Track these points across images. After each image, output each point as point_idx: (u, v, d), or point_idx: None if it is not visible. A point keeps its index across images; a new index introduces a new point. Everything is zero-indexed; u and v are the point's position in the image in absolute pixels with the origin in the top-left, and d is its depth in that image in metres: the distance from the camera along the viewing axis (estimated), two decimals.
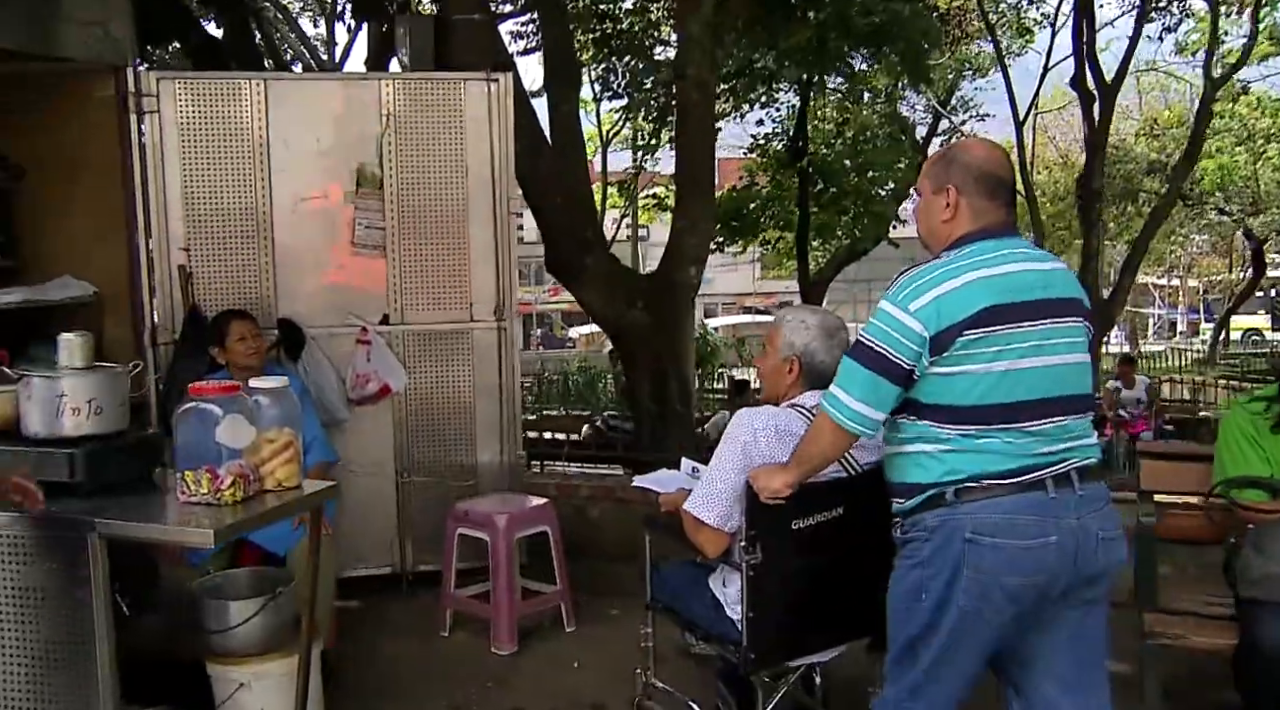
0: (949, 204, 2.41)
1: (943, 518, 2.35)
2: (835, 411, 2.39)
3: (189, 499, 2.93)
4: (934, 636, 2.38)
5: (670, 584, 3.21)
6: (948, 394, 2.32)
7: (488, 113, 4.77)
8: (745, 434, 2.74)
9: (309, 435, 4.11)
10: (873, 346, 2.34)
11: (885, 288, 2.43)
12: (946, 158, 2.49)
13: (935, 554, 2.35)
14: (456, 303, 4.84)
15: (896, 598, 2.46)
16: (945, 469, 2.34)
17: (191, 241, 4.56)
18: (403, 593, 4.88)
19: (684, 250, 6.48)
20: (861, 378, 2.35)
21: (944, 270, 2.34)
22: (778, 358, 2.90)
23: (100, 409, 3.06)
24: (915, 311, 2.29)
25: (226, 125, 4.55)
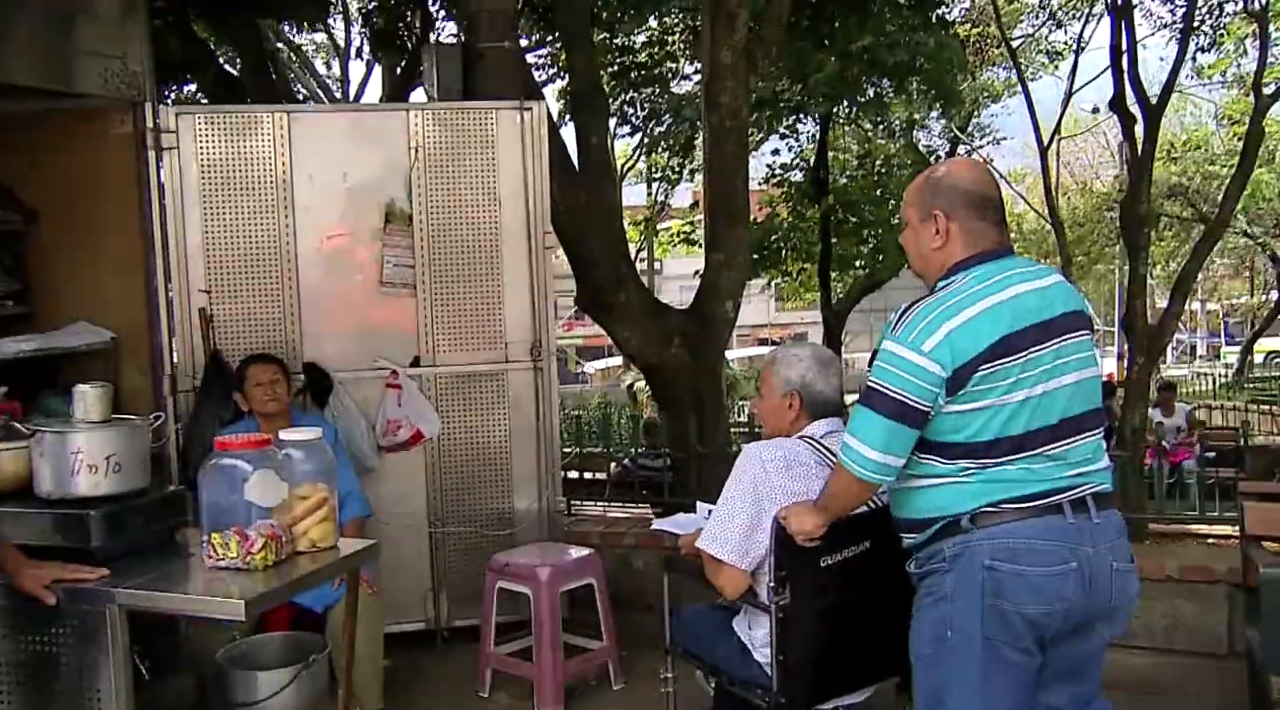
0: (939, 231, 2.32)
1: (960, 545, 2.26)
2: (855, 465, 2.30)
3: (216, 563, 2.69)
4: (966, 677, 2.26)
5: (692, 628, 3.14)
6: (963, 431, 2.24)
7: (521, 143, 4.55)
8: (754, 467, 2.72)
9: (344, 488, 3.86)
10: (887, 392, 2.24)
11: (888, 326, 2.30)
12: (929, 182, 2.37)
13: (959, 585, 2.26)
14: (490, 343, 4.60)
15: (922, 641, 2.35)
16: (959, 497, 2.27)
17: (212, 283, 4.35)
18: (437, 649, 4.63)
19: (720, 285, 6.24)
20: (879, 427, 2.25)
21: (951, 303, 2.23)
22: (776, 396, 2.88)
23: (119, 466, 2.83)
24: (929, 352, 2.19)
25: (248, 161, 4.35)
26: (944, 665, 2.29)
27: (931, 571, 2.33)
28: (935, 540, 2.32)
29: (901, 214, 2.45)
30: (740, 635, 2.89)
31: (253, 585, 2.60)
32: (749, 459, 2.75)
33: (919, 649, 2.36)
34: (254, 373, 3.94)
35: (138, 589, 2.56)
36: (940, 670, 2.30)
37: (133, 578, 2.63)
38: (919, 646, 2.36)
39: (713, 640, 2.99)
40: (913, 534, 2.38)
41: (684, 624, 3.18)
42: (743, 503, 2.71)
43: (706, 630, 3.04)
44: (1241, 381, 24.65)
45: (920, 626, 2.36)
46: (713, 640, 2.99)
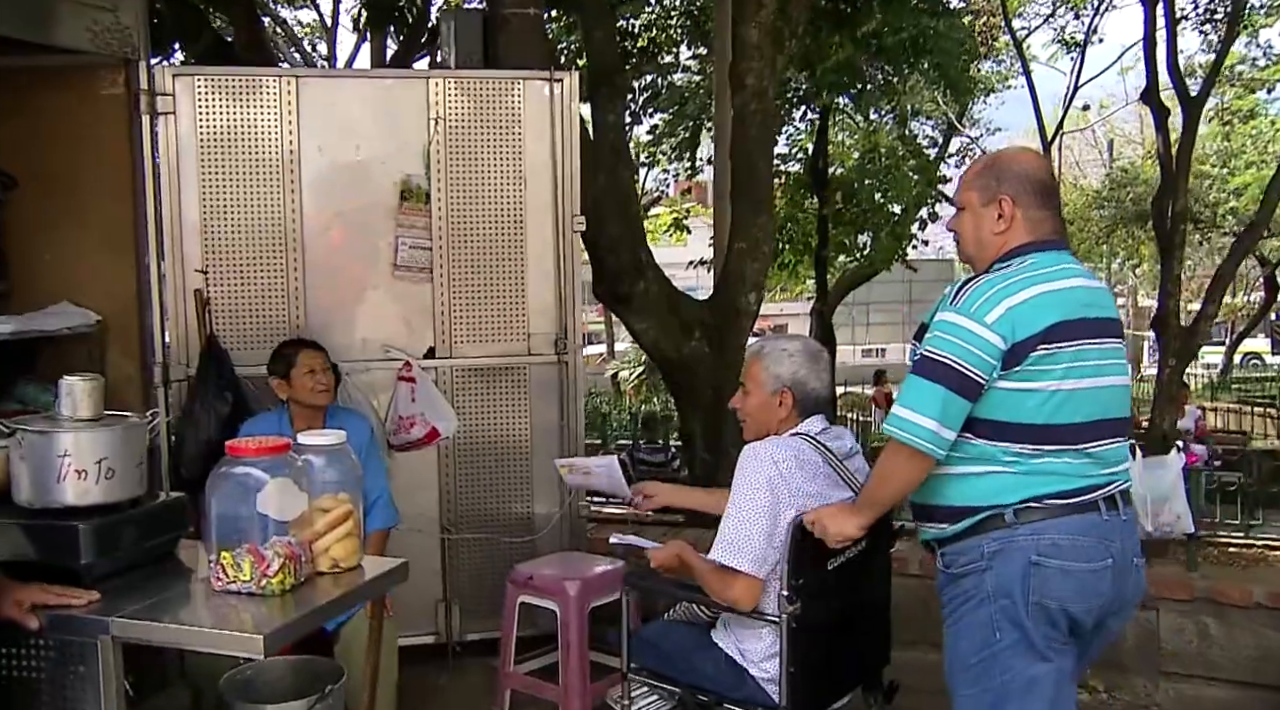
0: (1002, 216, 2.30)
1: (1002, 541, 2.21)
2: (913, 436, 2.20)
3: (226, 586, 2.32)
4: (1021, 684, 2.19)
5: (659, 647, 2.91)
6: (1016, 411, 2.20)
7: (549, 117, 4.18)
8: (767, 468, 2.58)
9: (374, 492, 3.52)
10: (945, 360, 2.19)
11: (944, 300, 2.27)
12: (996, 168, 2.35)
13: (1000, 584, 2.21)
14: (512, 334, 4.24)
15: (968, 651, 2.25)
16: (1000, 489, 2.23)
17: (209, 262, 3.96)
18: (449, 665, 4.27)
19: (744, 275, 5.87)
20: (936, 395, 2.19)
21: (1013, 281, 2.22)
22: (764, 393, 2.75)
23: (111, 471, 2.46)
24: (991, 324, 2.17)
25: (251, 129, 3.96)
26: (997, 669, 2.22)
27: (967, 572, 2.26)
28: (971, 534, 2.26)
29: (958, 198, 2.40)
30: (728, 650, 2.71)
31: (269, 614, 2.24)
32: (759, 460, 2.60)
33: (964, 660, 2.26)
34: (306, 359, 3.56)
35: (134, 617, 2.19)
36: (993, 676, 2.22)
37: (128, 604, 2.25)
38: (964, 657, 2.26)
39: (689, 659, 2.80)
40: (944, 525, 2.30)
41: (647, 643, 2.95)
42: (760, 508, 2.55)
43: (678, 649, 2.85)
44: (1227, 382, 24.66)
45: (962, 635, 2.27)
46: (689, 659, 2.80)
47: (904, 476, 2.30)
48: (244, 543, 2.33)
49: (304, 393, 3.54)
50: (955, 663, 2.30)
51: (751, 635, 2.67)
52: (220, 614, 2.25)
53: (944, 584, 2.34)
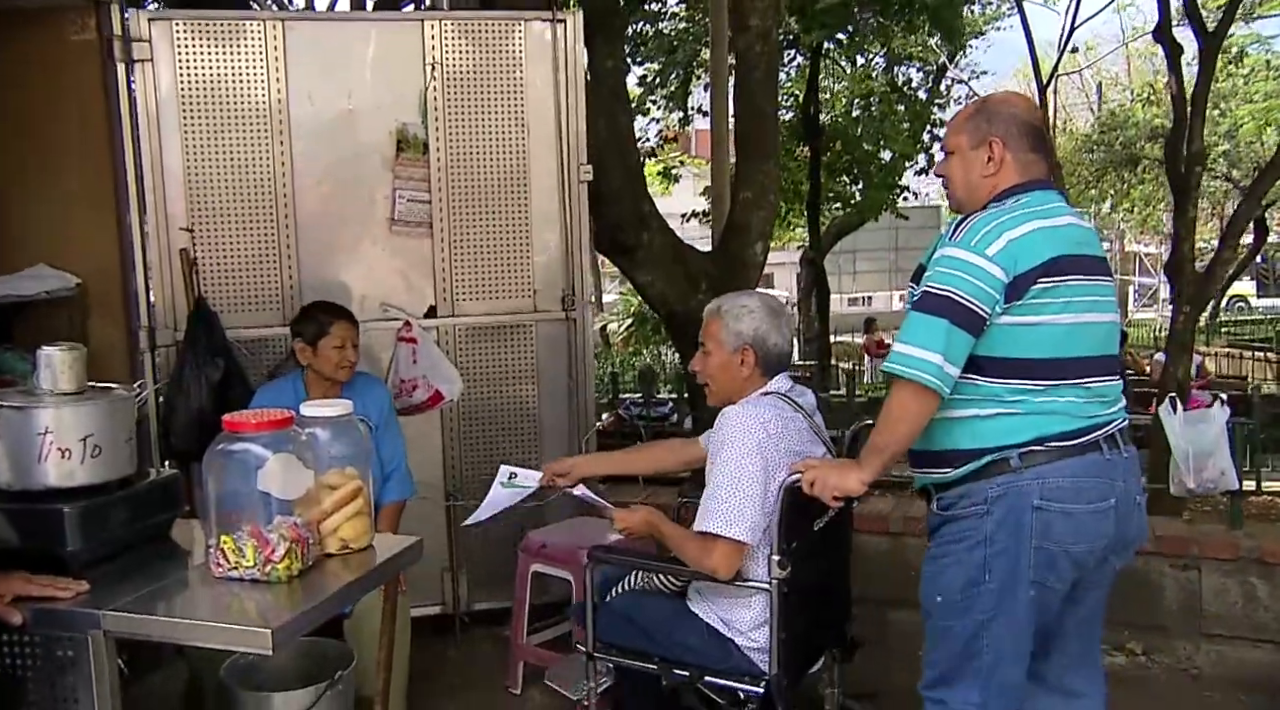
0: (992, 158, 2.30)
1: (1006, 485, 2.20)
2: (920, 373, 2.13)
3: (227, 573, 2.13)
4: (1003, 623, 2.23)
5: (632, 619, 2.75)
6: (1017, 346, 2.19)
7: (553, 60, 3.94)
8: (757, 433, 2.50)
9: (392, 463, 3.33)
10: (949, 294, 2.15)
11: (943, 238, 2.24)
12: (985, 111, 2.34)
13: (1000, 528, 2.20)
14: (517, 290, 4.03)
15: (949, 589, 2.26)
16: (1006, 430, 2.20)
17: (195, 221, 3.73)
18: (457, 637, 4.11)
19: (750, 225, 5.66)
20: (940, 330, 2.14)
21: (1009, 216, 2.20)
22: (725, 352, 2.64)
23: (98, 449, 2.25)
24: (993, 256, 2.15)
25: (236, 77, 3.71)
26: (977, 608, 2.23)
27: (963, 516, 2.25)
28: (973, 479, 2.23)
29: (947, 142, 2.39)
30: (709, 621, 2.62)
31: (277, 604, 2.05)
32: (746, 423, 2.51)
33: (946, 597, 2.27)
34: (339, 331, 3.29)
35: (127, 610, 1.99)
36: (973, 614, 2.24)
37: (120, 594, 2.06)
38: (946, 595, 2.27)
39: (668, 632, 2.67)
40: (943, 469, 2.27)
41: (617, 616, 2.78)
42: (754, 474, 2.47)
43: (654, 621, 2.71)
44: (1217, 326, 24.64)
45: (946, 573, 2.27)
46: (668, 632, 2.67)
47: (912, 417, 2.20)
48: (245, 525, 2.14)
49: (327, 366, 3.30)
50: (935, 593, 2.30)
51: (737, 604, 2.57)
52: (222, 604, 2.06)
53: (936, 524, 2.32)
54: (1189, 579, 3.59)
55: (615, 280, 21.14)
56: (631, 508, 2.73)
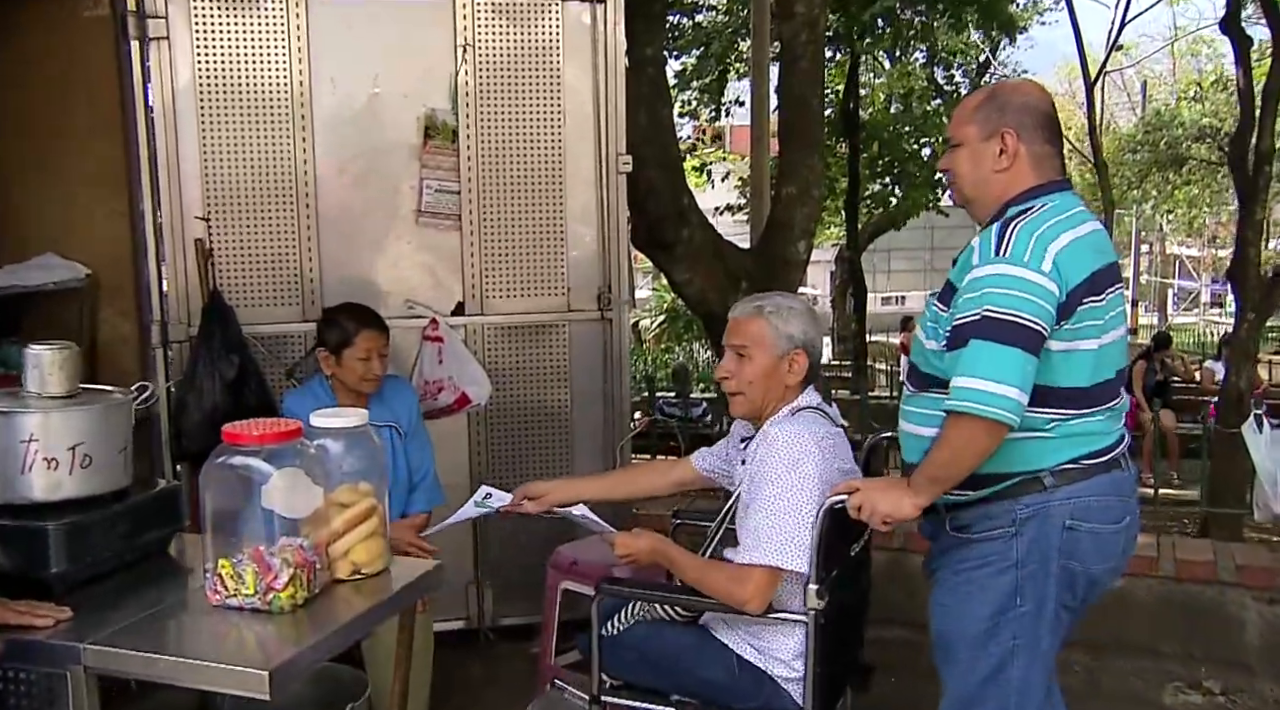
0: (1004, 151, 2.12)
1: (1037, 506, 2.08)
2: (999, 409, 1.94)
3: (225, 602, 1.92)
4: (1030, 649, 2.13)
5: (647, 653, 2.48)
6: (1060, 375, 2.04)
7: (592, 43, 3.72)
8: (814, 454, 2.28)
9: (421, 471, 3.11)
10: (1014, 319, 1.96)
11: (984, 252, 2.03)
12: (996, 99, 2.16)
13: (1032, 550, 2.09)
14: (550, 287, 3.81)
15: (976, 618, 2.13)
16: (1039, 454, 2.08)
17: (211, 210, 3.52)
18: (481, 653, 3.89)
19: (793, 222, 5.43)
20: (1014, 361, 1.95)
21: (1046, 227, 2.03)
22: (771, 356, 2.38)
23: (88, 459, 2.05)
24: (1047, 272, 1.98)
25: (255, 59, 3.50)
26: (1005, 635, 2.12)
27: (987, 538, 2.12)
28: (999, 499, 2.11)
29: (953, 133, 2.20)
30: (741, 651, 2.39)
31: (278, 638, 1.85)
32: (800, 443, 2.28)
33: (969, 626, 2.14)
34: (365, 341, 3.04)
35: (110, 644, 1.79)
36: (1000, 641, 2.12)
37: (106, 623, 1.87)
38: (969, 623, 2.14)
39: (691, 666, 2.42)
40: (964, 491, 2.11)
41: (630, 651, 2.50)
42: (810, 499, 2.24)
43: (674, 654, 2.45)
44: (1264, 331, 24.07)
45: (971, 601, 2.14)
46: (691, 666, 2.42)
47: (981, 454, 2.02)
48: (246, 548, 1.93)
49: (352, 378, 3.06)
50: (958, 625, 2.17)
51: (775, 632, 2.36)
52: (217, 638, 1.86)
53: (950, 546, 2.18)
54: (1275, 614, 3.31)
55: (648, 275, 20.93)
56: (635, 532, 2.49)
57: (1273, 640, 3.31)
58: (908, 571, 3.72)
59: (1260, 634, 3.33)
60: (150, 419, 3.43)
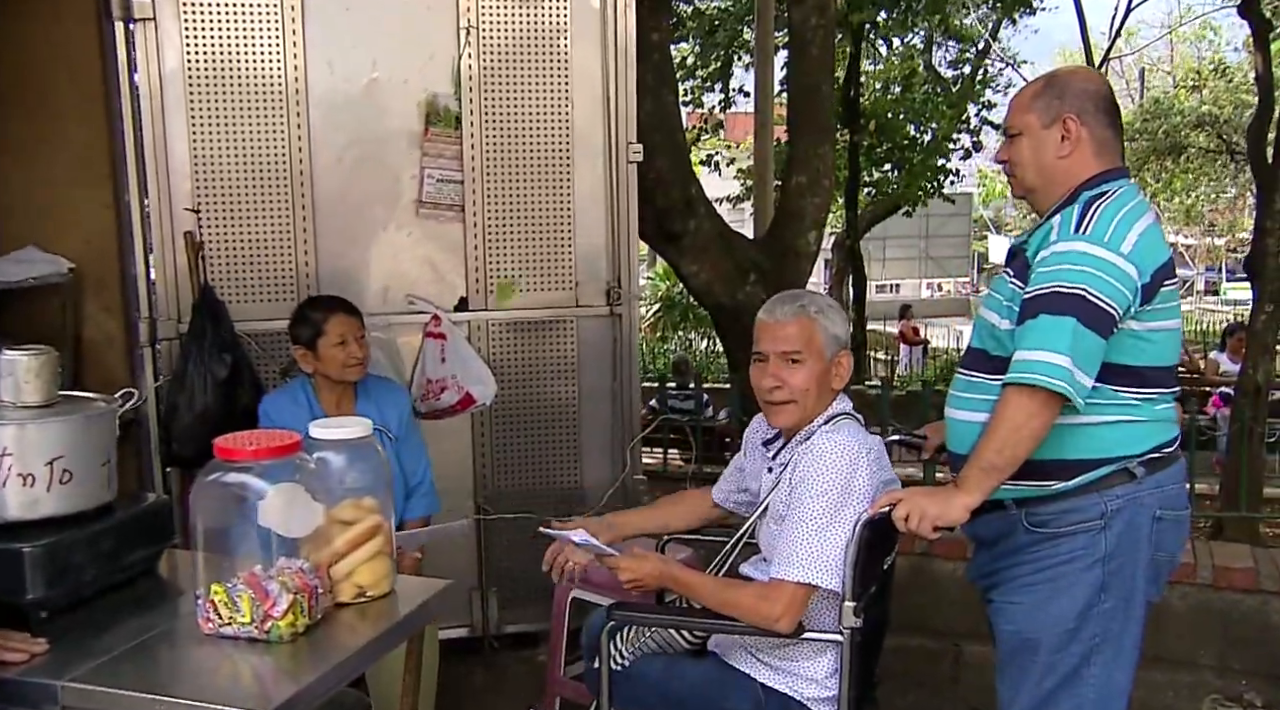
0: (1066, 137, 2.09)
1: (1127, 497, 2.05)
2: (1046, 376, 1.91)
3: (218, 631, 1.76)
4: (1114, 646, 2.08)
5: (665, 688, 2.32)
6: (1144, 354, 2.03)
7: (601, 26, 3.56)
8: (864, 465, 2.15)
9: (416, 477, 2.99)
10: (1079, 292, 1.94)
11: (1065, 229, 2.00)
12: (1056, 85, 2.13)
13: (1120, 543, 2.05)
14: (557, 281, 3.65)
15: (1063, 616, 2.07)
16: (1130, 439, 2.05)
17: (202, 201, 3.35)
18: (485, 661, 3.75)
19: (804, 212, 5.29)
20: (1064, 328, 1.92)
21: (1129, 209, 2.01)
22: (824, 360, 2.24)
23: (68, 474, 1.89)
24: (1128, 254, 1.96)
25: (248, 42, 3.33)
26: (1086, 634, 2.07)
27: (1074, 532, 2.06)
28: (1087, 491, 2.05)
29: (1012, 123, 2.16)
30: (765, 680, 2.26)
31: (278, 671, 1.70)
32: (851, 456, 2.14)
33: (1056, 625, 2.07)
34: (337, 327, 2.96)
35: (90, 681, 1.64)
36: (1080, 640, 2.07)
37: (87, 654, 1.71)
38: (1056, 622, 2.07)
39: (714, 700, 2.28)
40: (1051, 482, 2.06)
41: (646, 686, 2.32)
42: (853, 512, 2.12)
43: (697, 688, 2.30)
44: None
45: (1058, 599, 2.07)
46: (714, 700, 2.28)
47: (1034, 429, 1.95)
48: (241, 572, 1.77)
49: (333, 368, 2.97)
50: (1040, 625, 2.09)
51: (802, 653, 2.25)
52: (210, 672, 1.71)
53: (1026, 544, 2.11)
54: None
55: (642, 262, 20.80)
56: (637, 554, 2.32)
57: None
58: (932, 578, 3.61)
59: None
60: (138, 421, 3.27)
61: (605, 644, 2.32)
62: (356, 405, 3.06)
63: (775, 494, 2.26)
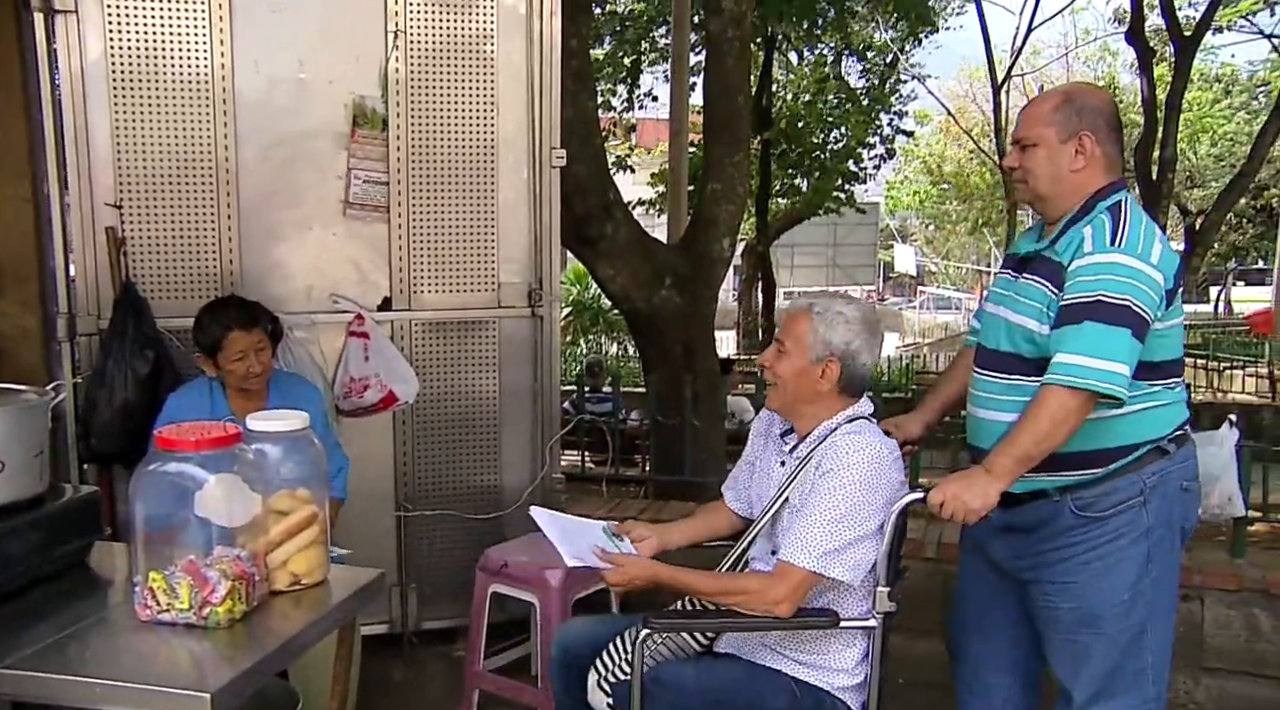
0: (1081, 152, 2.23)
1: (1160, 473, 2.23)
2: (1110, 384, 2.07)
3: (156, 617, 1.80)
4: (1163, 609, 2.30)
5: (700, 695, 2.24)
6: (1162, 349, 2.21)
7: (527, 34, 3.63)
8: (887, 467, 2.23)
9: (330, 467, 3.00)
10: (1128, 304, 2.10)
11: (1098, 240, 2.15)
12: (1073, 103, 2.26)
13: (1158, 517, 2.23)
14: (480, 283, 3.70)
15: (1117, 590, 2.23)
16: (1160, 421, 2.24)
17: (124, 196, 3.33)
18: (404, 657, 3.78)
19: (718, 218, 5.43)
20: (1125, 341, 2.09)
21: (1148, 221, 2.23)
22: (806, 358, 2.31)
23: (2, 465, 1.91)
24: (1157, 264, 2.14)
25: (174, 39, 3.32)
26: (1141, 605, 2.24)
27: (1119, 511, 2.23)
28: (1125, 472, 2.22)
29: (1026, 134, 2.27)
30: (795, 674, 2.29)
31: (217, 656, 1.74)
32: (877, 457, 2.22)
33: (1114, 597, 2.23)
34: (236, 344, 2.99)
35: (28, 668, 1.67)
36: (1138, 611, 2.25)
37: (22, 642, 1.74)
38: (1113, 595, 2.23)
39: (755, 701, 2.26)
40: (1094, 469, 2.22)
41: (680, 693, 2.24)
42: (876, 513, 2.21)
43: (731, 691, 2.27)
44: None
45: (1111, 575, 2.23)
46: (755, 701, 2.26)
47: (1073, 426, 2.13)
48: (179, 559, 1.82)
49: (233, 379, 3.01)
50: (1099, 600, 2.25)
51: (830, 644, 2.30)
52: (151, 657, 1.74)
53: (1074, 525, 2.25)
54: (1190, 610, 3.39)
55: None
56: (625, 559, 2.30)
57: (1187, 635, 3.31)
58: (944, 581, 3.54)
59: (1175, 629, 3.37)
60: (55, 417, 3.24)
61: (638, 652, 2.23)
62: (268, 402, 3.07)
63: (795, 487, 2.30)
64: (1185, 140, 23.90)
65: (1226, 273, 29.86)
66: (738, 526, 2.59)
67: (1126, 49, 22.72)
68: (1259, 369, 14.58)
